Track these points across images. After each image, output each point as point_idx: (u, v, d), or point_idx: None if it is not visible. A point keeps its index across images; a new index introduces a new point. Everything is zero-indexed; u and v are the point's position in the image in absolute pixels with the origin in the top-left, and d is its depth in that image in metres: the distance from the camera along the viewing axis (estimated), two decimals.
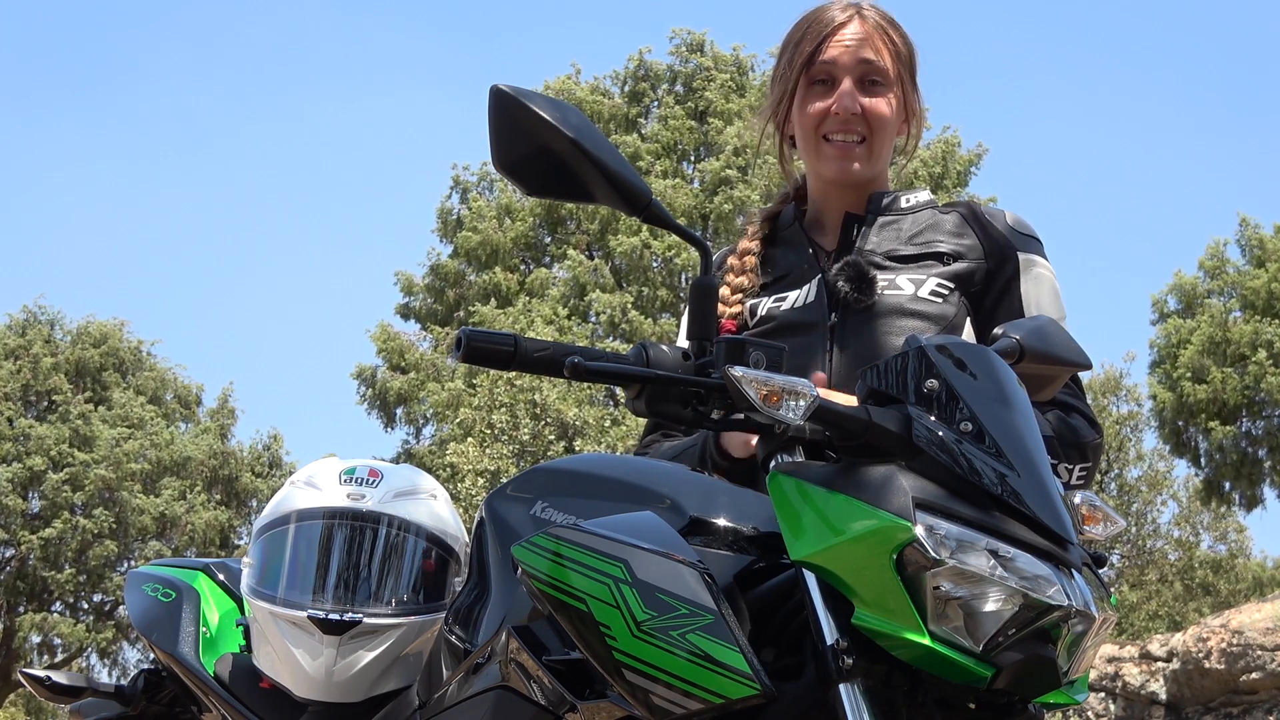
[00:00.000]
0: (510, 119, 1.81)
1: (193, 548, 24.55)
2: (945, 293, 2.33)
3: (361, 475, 2.92)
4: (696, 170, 23.66)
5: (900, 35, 2.44)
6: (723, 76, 24.11)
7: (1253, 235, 20.76)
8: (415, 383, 22.90)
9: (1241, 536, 26.64)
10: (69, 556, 24.26)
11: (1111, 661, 7.66)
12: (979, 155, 23.83)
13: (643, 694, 1.68)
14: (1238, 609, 7.60)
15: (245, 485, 26.11)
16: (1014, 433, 1.72)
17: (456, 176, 24.71)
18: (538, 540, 1.80)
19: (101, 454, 24.38)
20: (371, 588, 2.82)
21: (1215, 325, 19.85)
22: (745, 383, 1.66)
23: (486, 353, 1.76)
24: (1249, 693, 7.09)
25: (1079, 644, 1.68)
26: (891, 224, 2.42)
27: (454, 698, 2.11)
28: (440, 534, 2.89)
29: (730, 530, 1.86)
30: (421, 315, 24.34)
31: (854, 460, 1.70)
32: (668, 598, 1.68)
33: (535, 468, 2.25)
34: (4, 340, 25.86)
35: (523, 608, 1.95)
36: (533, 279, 23.09)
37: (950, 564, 1.60)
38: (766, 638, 1.75)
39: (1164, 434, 21.09)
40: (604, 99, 24.17)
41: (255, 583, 2.87)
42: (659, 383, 1.75)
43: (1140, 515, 24.27)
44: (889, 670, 1.65)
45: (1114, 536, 1.86)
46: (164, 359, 27.87)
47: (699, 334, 1.82)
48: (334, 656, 2.75)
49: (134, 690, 3.16)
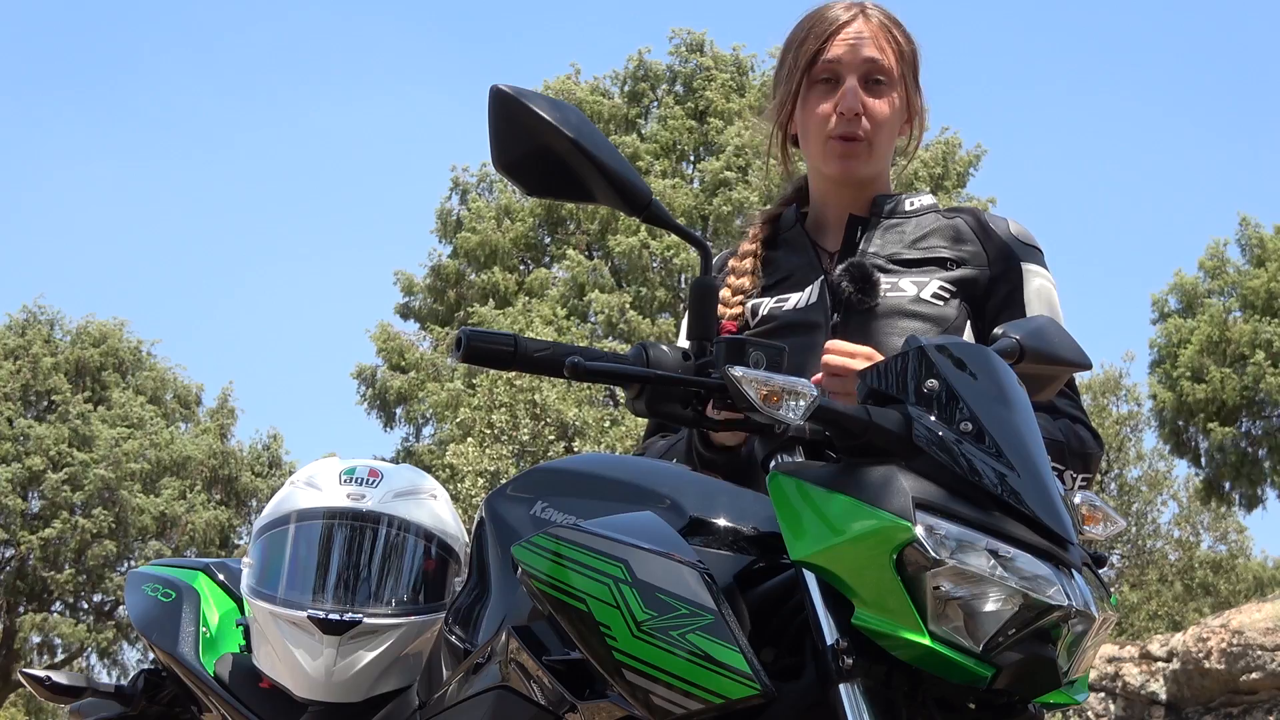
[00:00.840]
0: (510, 119, 1.81)
1: (193, 548, 24.54)
2: (947, 296, 2.33)
3: (361, 475, 2.93)
4: (696, 170, 23.65)
5: (903, 34, 2.44)
6: (723, 76, 24.09)
7: (1253, 235, 20.77)
8: (415, 383, 22.89)
9: (1242, 536, 26.65)
10: (69, 556, 24.25)
11: (1111, 661, 7.66)
12: (978, 156, 23.83)
13: (643, 694, 1.68)
14: (1238, 609, 7.59)
15: (245, 485, 26.10)
16: (1014, 433, 1.72)
17: (456, 177, 24.71)
18: (538, 540, 1.80)
19: (101, 454, 24.36)
20: (371, 588, 2.82)
21: (1215, 325, 19.86)
22: (745, 383, 1.66)
23: (486, 353, 1.76)
24: (1249, 693, 7.09)
25: (1079, 644, 1.68)
26: (895, 227, 2.42)
27: (454, 698, 2.11)
28: (440, 534, 2.89)
29: (730, 530, 1.86)
30: (421, 315, 24.34)
31: (854, 460, 1.71)
32: (668, 598, 1.68)
33: (535, 468, 2.26)
34: (3, 340, 25.85)
35: (523, 608, 1.95)
36: (532, 279, 23.08)
37: (950, 564, 1.60)
38: (766, 638, 1.75)
39: (1164, 434, 21.10)
40: (604, 99, 24.16)
41: (255, 583, 2.87)
42: (659, 383, 1.75)
43: (1140, 515, 24.28)
44: (889, 670, 1.65)
45: (1114, 536, 1.86)
46: (164, 359, 27.86)
47: (699, 334, 1.82)
48: (334, 656, 2.75)
49: (134, 690, 3.16)
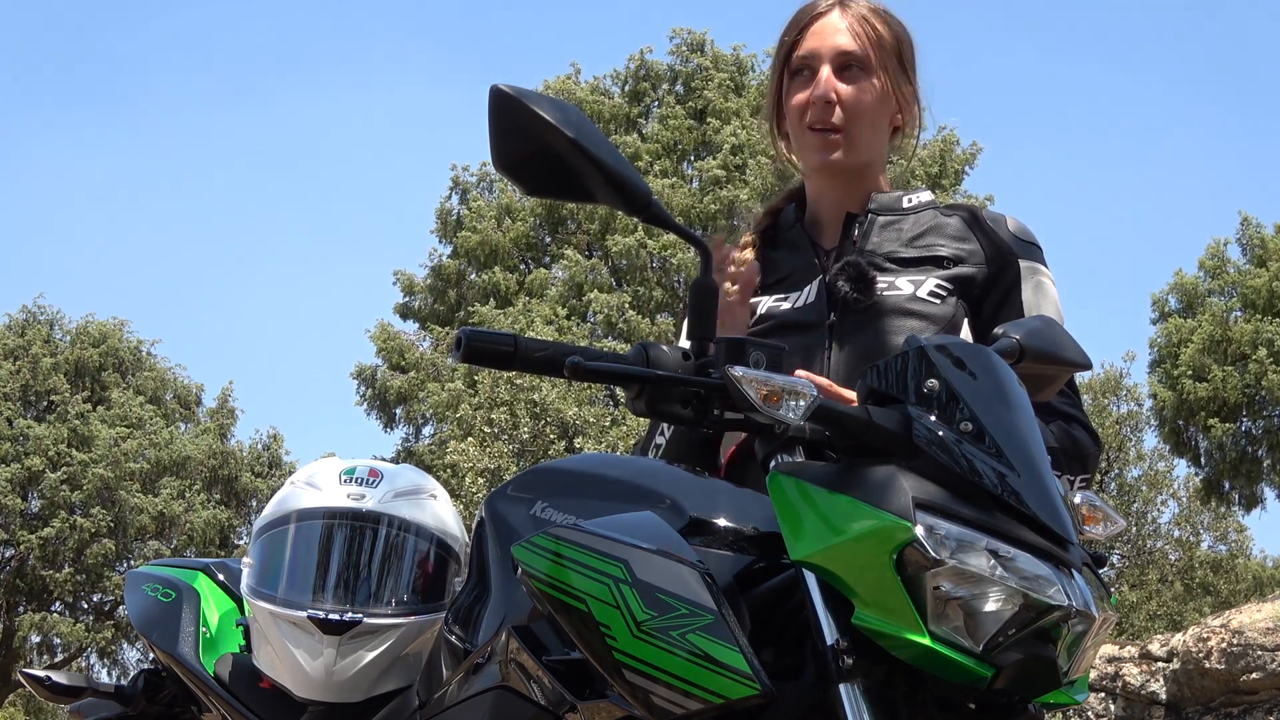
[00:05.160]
0: (510, 119, 1.80)
1: (192, 548, 24.53)
2: (944, 294, 2.33)
3: (361, 475, 2.93)
4: (696, 170, 23.65)
5: (883, 23, 2.41)
6: (723, 76, 24.10)
7: (1254, 234, 20.77)
8: (415, 382, 22.89)
9: (1241, 536, 26.62)
10: (68, 556, 24.24)
11: (1111, 661, 7.65)
12: (975, 153, 23.83)
13: (643, 694, 1.68)
14: (1238, 609, 7.58)
15: (245, 485, 26.09)
16: (1014, 433, 1.72)
17: (456, 177, 24.71)
18: (538, 540, 1.80)
19: (100, 454, 24.36)
20: (371, 588, 2.82)
21: (1216, 324, 19.86)
22: (745, 383, 1.66)
23: (486, 353, 1.76)
24: (1249, 693, 7.09)
25: (1079, 644, 1.68)
26: (892, 224, 2.42)
27: (454, 698, 2.11)
28: (440, 534, 2.90)
29: (730, 530, 1.86)
30: (421, 315, 24.34)
31: (854, 460, 1.71)
32: (668, 598, 1.68)
33: (535, 468, 2.25)
34: (3, 340, 25.84)
35: (523, 608, 1.95)
36: (532, 279, 23.08)
37: (950, 564, 1.60)
38: (766, 638, 1.75)
39: (1164, 433, 21.10)
40: (604, 99, 24.16)
41: (255, 583, 2.88)
42: (659, 383, 1.75)
43: (1140, 515, 24.26)
44: (889, 670, 1.65)
45: (1114, 536, 1.86)
46: (164, 359, 27.86)
47: (699, 334, 1.81)
48: (334, 656, 2.75)
49: (134, 690, 3.17)
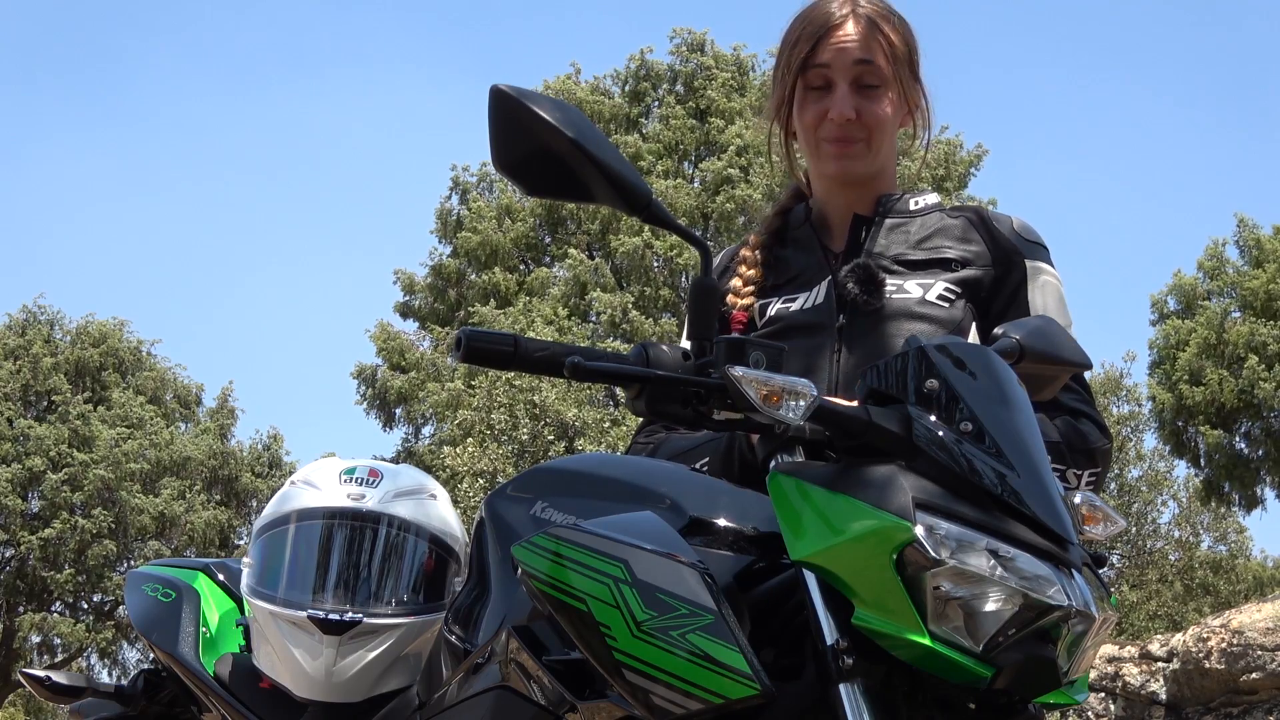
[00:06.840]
0: (510, 119, 1.80)
1: (192, 548, 24.54)
2: (953, 297, 2.32)
3: (361, 475, 2.93)
4: (697, 170, 23.65)
5: (896, 30, 2.40)
6: (723, 76, 24.10)
7: (1251, 236, 20.78)
8: (415, 382, 22.89)
9: (1241, 537, 26.63)
10: (68, 557, 24.24)
11: (1111, 661, 7.64)
12: (979, 156, 23.83)
13: (643, 694, 1.68)
14: (1238, 609, 7.58)
15: (245, 485, 26.10)
16: (1014, 433, 1.72)
17: (456, 177, 24.71)
18: (538, 540, 1.80)
19: (101, 454, 24.36)
20: (371, 588, 2.82)
21: (1211, 328, 19.85)
22: (745, 383, 1.66)
23: (486, 353, 1.75)
24: (1249, 693, 7.08)
25: (1079, 644, 1.68)
26: (899, 226, 2.41)
27: (454, 698, 2.11)
28: (440, 534, 2.90)
29: (730, 530, 1.86)
30: (422, 315, 24.34)
31: (854, 460, 1.71)
32: (668, 598, 1.68)
33: (535, 468, 2.25)
34: (4, 340, 25.85)
35: (523, 608, 1.95)
36: (533, 279, 23.08)
37: (950, 564, 1.60)
38: (766, 638, 1.75)
39: (1164, 434, 21.11)
40: (604, 99, 24.16)
41: (255, 583, 2.88)
42: (659, 383, 1.74)
43: (1140, 515, 24.26)
44: (889, 670, 1.65)
45: (1114, 536, 1.86)
46: (164, 359, 27.90)
47: (699, 334, 1.81)
48: (334, 656, 2.75)
49: (134, 690, 3.17)
